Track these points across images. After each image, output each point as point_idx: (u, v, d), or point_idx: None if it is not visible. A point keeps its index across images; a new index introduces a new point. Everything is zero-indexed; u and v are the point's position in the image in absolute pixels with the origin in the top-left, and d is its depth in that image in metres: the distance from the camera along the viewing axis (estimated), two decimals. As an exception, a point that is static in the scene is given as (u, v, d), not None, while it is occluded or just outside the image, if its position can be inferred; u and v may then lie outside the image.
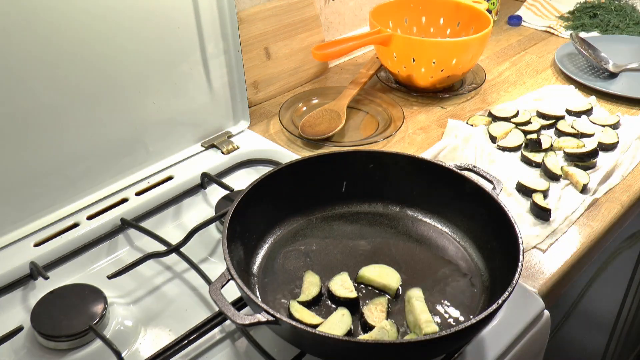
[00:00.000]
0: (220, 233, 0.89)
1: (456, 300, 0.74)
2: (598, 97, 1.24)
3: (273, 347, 0.70)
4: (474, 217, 0.82)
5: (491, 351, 0.72)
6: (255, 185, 0.80)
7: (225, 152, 1.04)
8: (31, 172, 0.85)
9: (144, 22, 0.89)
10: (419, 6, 1.36)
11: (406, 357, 0.65)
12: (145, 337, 0.74)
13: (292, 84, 1.29)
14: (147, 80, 0.93)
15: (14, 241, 0.85)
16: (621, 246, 1.18)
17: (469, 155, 1.02)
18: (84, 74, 0.86)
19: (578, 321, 1.18)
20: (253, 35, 1.19)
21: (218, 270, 0.71)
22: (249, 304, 0.69)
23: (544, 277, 0.82)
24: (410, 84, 1.26)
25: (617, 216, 0.94)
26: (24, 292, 0.80)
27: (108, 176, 0.94)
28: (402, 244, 0.84)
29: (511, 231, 0.73)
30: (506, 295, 0.65)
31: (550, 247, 0.87)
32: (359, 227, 0.86)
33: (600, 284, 1.18)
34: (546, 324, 0.78)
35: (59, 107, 0.84)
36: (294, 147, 1.09)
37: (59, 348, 0.70)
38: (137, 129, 0.95)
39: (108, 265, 0.85)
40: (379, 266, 0.78)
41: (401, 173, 0.87)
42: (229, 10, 0.99)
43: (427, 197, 0.87)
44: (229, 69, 1.04)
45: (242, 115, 1.10)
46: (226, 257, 0.68)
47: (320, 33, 1.32)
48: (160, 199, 0.94)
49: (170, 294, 0.80)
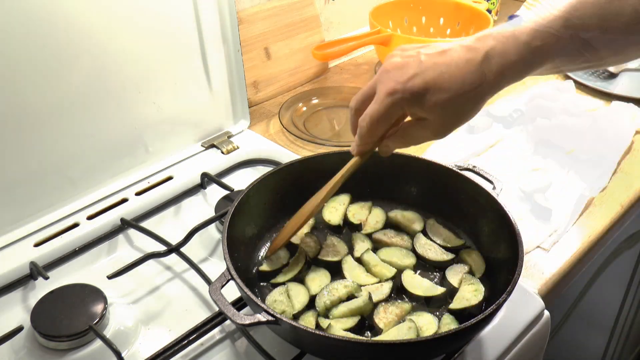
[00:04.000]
0: (220, 233, 0.89)
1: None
2: (598, 97, 1.24)
3: (273, 347, 0.70)
4: (474, 217, 0.82)
5: (491, 351, 0.72)
6: (255, 185, 0.80)
7: (225, 152, 1.04)
8: (31, 172, 0.85)
9: (144, 22, 0.89)
10: (419, 6, 1.36)
11: (406, 357, 0.65)
12: (145, 337, 0.74)
13: (292, 84, 1.29)
14: (147, 80, 0.93)
15: (14, 241, 0.85)
16: (621, 246, 1.18)
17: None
18: (84, 73, 0.86)
19: (578, 321, 1.18)
20: (253, 35, 1.19)
21: (218, 270, 0.70)
22: (249, 304, 0.69)
23: (544, 277, 0.82)
24: (410, 84, 1.25)
25: (617, 216, 0.94)
26: (24, 292, 0.80)
27: (108, 176, 0.94)
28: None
29: (511, 231, 0.73)
30: (506, 295, 0.65)
31: (553, 245, 0.87)
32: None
33: (600, 284, 1.18)
34: (546, 324, 0.78)
35: (59, 107, 0.84)
36: (294, 147, 1.09)
37: (59, 348, 0.70)
38: (137, 128, 0.95)
39: (108, 265, 0.85)
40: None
41: (401, 173, 0.87)
42: (229, 10, 0.99)
43: (427, 197, 0.87)
44: (229, 69, 1.04)
45: (242, 115, 1.10)
46: (226, 257, 0.68)
47: (320, 33, 1.32)
48: (160, 199, 0.94)
49: (170, 294, 0.80)
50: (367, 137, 0.71)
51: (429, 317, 0.70)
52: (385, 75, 0.67)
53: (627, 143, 1.07)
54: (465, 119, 0.67)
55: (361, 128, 0.70)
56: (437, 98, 0.64)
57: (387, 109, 0.66)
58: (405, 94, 0.65)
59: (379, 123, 0.68)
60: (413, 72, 0.64)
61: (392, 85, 0.65)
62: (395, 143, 0.72)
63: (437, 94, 0.64)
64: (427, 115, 0.66)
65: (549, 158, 1.04)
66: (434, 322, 0.70)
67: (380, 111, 0.67)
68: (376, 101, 0.67)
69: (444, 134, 0.68)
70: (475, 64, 0.63)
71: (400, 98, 0.65)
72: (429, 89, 0.64)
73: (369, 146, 0.73)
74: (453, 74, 0.63)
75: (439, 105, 0.64)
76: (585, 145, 1.07)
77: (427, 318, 0.70)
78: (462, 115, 0.67)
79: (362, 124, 0.70)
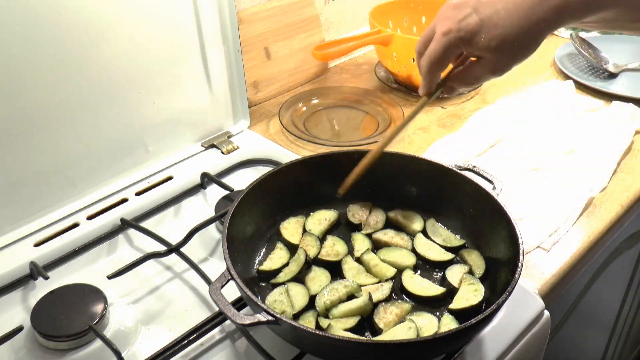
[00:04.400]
0: (220, 233, 0.89)
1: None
2: (598, 97, 1.24)
3: (273, 347, 0.70)
4: (474, 217, 0.82)
5: (491, 351, 0.72)
6: (255, 185, 0.80)
7: (225, 152, 1.04)
8: (31, 172, 0.85)
9: (144, 22, 0.89)
10: (419, 6, 1.36)
11: (406, 357, 0.65)
12: (145, 337, 0.74)
13: (292, 84, 1.29)
14: (147, 80, 0.93)
15: (14, 241, 0.85)
16: (621, 246, 1.18)
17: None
18: (84, 74, 0.86)
19: (578, 321, 1.18)
20: (253, 35, 1.19)
21: (218, 270, 0.70)
22: (249, 304, 0.69)
23: (544, 277, 0.82)
24: (410, 84, 1.26)
25: (617, 216, 0.94)
26: (24, 292, 0.80)
27: (108, 176, 0.94)
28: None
29: (511, 231, 0.73)
30: (506, 295, 0.65)
31: (553, 245, 0.87)
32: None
33: (600, 284, 1.18)
34: (546, 324, 0.78)
35: (59, 107, 0.84)
36: (294, 147, 1.09)
37: (59, 348, 0.70)
38: (137, 128, 0.95)
39: (108, 265, 0.85)
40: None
41: (401, 173, 0.87)
42: (229, 10, 0.99)
43: (427, 197, 0.87)
44: (229, 69, 1.04)
45: (242, 115, 1.10)
46: (226, 257, 0.68)
47: (320, 33, 1.32)
48: (160, 199, 0.94)
49: (170, 294, 0.80)
50: (429, 76, 0.73)
51: (429, 317, 0.70)
52: (442, 15, 0.69)
53: (627, 143, 1.07)
54: (521, 57, 0.67)
55: (422, 67, 0.73)
56: (492, 35, 0.64)
57: (444, 49, 0.68)
58: (460, 32, 0.66)
59: (437, 62, 0.70)
60: (468, 11, 0.66)
61: (448, 25, 0.67)
62: (458, 83, 0.74)
63: (492, 31, 0.64)
64: (483, 54, 0.67)
65: (549, 158, 1.04)
66: (434, 322, 0.70)
67: (438, 50, 0.69)
68: (433, 41, 0.69)
69: (501, 72, 0.69)
70: (534, 0, 0.63)
71: (455, 37, 0.67)
72: (484, 26, 0.65)
73: (433, 85, 0.75)
74: (510, 11, 0.63)
75: (493, 42, 0.65)
76: (585, 145, 1.07)
77: (427, 318, 0.70)
78: (518, 52, 0.67)
79: (422, 64, 0.72)
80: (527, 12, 0.63)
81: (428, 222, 0.85)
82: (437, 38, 0.69)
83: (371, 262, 0.78)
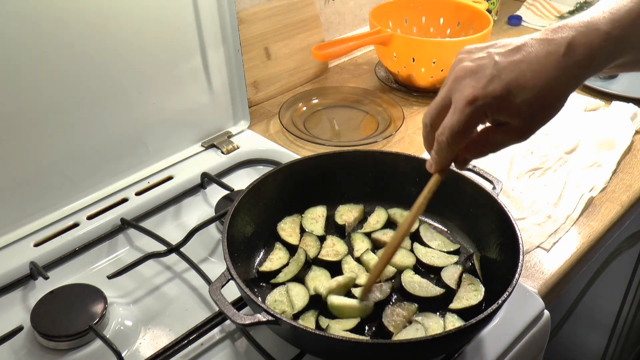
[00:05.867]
0: (220, 233, 0.89)
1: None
2: (598, 97, 1.24)
3: (273, 347, 0.70)
4: (474, 217, 0.82)
5: (491, 351, 0.72)
6: (255, 185, 0.80)
7: (225, 152, 1.04)
8: (31, 172, 0.85)
9: (144, 22, 0.89)
10: (419, 6, 1.36)
11: (406, 356, 0.65)
12: (145, 337, 0.74)
13: (292, 84, 1.29)
14: (147, 80, 0.93)
15: (14, 241, 0.85)
16: (621, 246, 1.18)
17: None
18: (84, 74, 0.86)
19: (578, 321, 1.18)
20: (253, 35, 1.19)
21: (218, 270, 0.70)
22: (249, 304, 0.69)
23: (544, 277, 0.82)
24: (410, 84, 1.26)
25: (617, 216, 0.94)
26: (24, 292, 0.80)
27: (108, 176, 0.94)
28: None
29: (511, 231, 0.73)
30: (506, 295, 0.65)
31: (554, 245, 0.87)
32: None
33: (600, 284, 1.18)
34: (546, 324, 0.78)
35: (59, 107, 0.84)
36: (294, 147, 1.09)
37: (59, 348, 0.70)
38: (137, 128, 0.95)
39: (108, 265, 0.85)
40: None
41: (401, 173, 0.87)
42: (229, 10, 0.99)
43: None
44: (229, 69, 1.04)
45: (242, 115, 1.10)
46: (226, 257, 0.68)
47: (320, 33, 1.32)
48: (160, 199, 0.94)
49: (170, 294, 0.80)
50: (448, 151, 0.64)
51: (436, 318, 0.71)
52: (460, 83, 0.61)
53: (627, 143, 1.07)
54: (550, 118, 0.62)
55: (440, 143, 0.64)
56: (522, 98, 0.59)
57: (469, 119, 0.61)
58: (487, 99, 0.59)
59: (460, 135, 0.62)
60: (490, 75, 0.59)
61: (471, 92, 0.60)
62: (474, 153, 0.66)
63: (521, 94, 0.59)
64: (511, 119, 0.61)
65: (549, 158, 1.04)
66: (440, 323, 0.70)
67: (462, 121, 0.61)
68: (455, 112, 0.61)
69: (528, 136, 0.63)
70: (558, 57, 0.58)
71: (482, 105, 0.59)
72: (511, 90, 0.59)
73: (449, 161, 0.67)
74: (536, 71, 0.58)
75: (525, 105, 0.59)
76: (585, 145, 1.07)
77: (434, 319, 0.70)
78: (549, 113, 0.61)
79: (441, 139, 0.63)
80: (554, 70, 0.58)
81: (422, 227, 0.84)
82: (459, 108, 0.60)
83: (371, 262, 0.78)
